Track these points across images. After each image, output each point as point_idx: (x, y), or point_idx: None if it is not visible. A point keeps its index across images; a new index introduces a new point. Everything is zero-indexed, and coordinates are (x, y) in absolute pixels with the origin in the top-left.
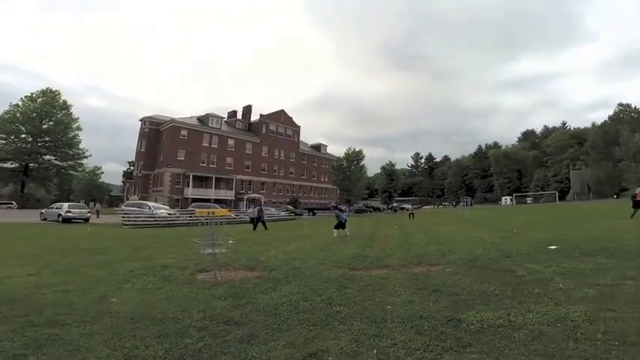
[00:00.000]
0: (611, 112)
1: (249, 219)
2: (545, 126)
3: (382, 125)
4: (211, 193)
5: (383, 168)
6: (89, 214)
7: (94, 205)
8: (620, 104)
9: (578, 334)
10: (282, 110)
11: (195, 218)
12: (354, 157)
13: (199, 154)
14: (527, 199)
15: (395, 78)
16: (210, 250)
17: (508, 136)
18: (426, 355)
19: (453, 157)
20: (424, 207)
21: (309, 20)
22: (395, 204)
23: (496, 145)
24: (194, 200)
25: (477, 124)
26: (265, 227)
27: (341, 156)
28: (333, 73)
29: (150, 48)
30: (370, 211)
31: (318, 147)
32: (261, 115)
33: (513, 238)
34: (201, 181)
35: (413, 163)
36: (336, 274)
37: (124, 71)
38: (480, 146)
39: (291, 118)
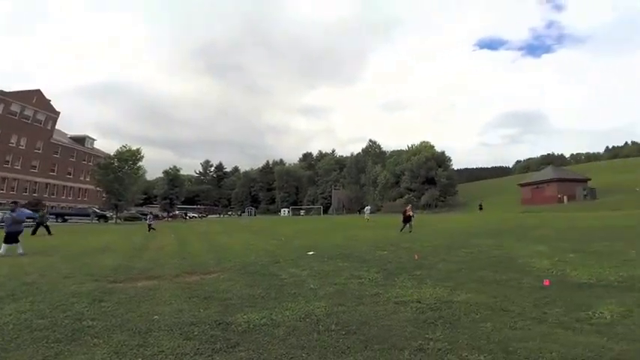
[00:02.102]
0: (364, 146)
1: None
2: (320, 151)
3: (176, 127)
4: None
5: (166, 172)
6: None
7: None
8: (370, 140)
9: (320, 327)
10: (39, 90)
11: None
12: (130, 157)
13: None
14: (301, 211)
15: (204, 82)
16: None
17: (292, 155)
18: (197, 358)
19: (243, 169)
20: (210, 216)
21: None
22: (177, 211)
23: (281, 162)
24: None
25: (270, 141)
26: (49, 232)
27: (112, 153)
28: (131, 64)
29: None
30: (145, 219)
31: (81, 139)
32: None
33: (283, 246)
34: None
35: (201, 171)
36: (87, 287)
37: None
38: (267, 161)
39: (49, 101)
